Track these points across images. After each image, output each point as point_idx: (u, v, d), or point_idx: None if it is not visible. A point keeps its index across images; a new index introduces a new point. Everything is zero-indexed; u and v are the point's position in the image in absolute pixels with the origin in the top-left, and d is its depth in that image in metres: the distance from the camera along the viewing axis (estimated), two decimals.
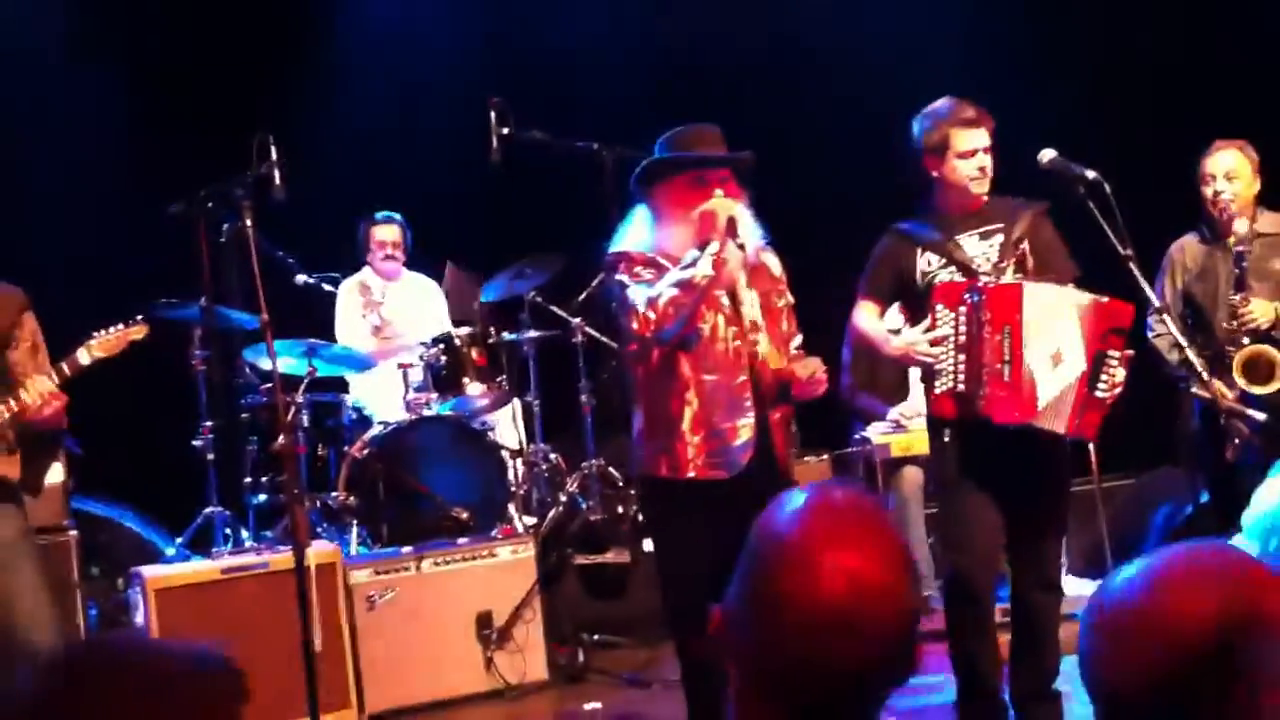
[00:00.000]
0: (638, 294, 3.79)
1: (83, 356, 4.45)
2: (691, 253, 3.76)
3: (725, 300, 3.86)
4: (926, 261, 4.17)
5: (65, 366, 4.40)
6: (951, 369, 4.01)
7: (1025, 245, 4.15)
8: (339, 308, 6.72)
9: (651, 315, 3.72)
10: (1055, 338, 3.96)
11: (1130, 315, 3.99)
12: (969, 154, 4.12)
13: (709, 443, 3.81)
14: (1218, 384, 4.69)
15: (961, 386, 4.01)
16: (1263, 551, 1.96)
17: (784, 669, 1.43)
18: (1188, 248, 5.28)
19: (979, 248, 4.16)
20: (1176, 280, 5.25)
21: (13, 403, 4.25)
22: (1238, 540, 2.10)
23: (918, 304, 4.18)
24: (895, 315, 4.44)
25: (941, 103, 4.21)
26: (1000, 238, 4.13)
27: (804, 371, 3.90)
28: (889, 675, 1.45)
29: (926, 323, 4.04)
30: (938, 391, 4.07)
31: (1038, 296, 3.98)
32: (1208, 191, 5.10)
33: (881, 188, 4.56)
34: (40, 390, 4.21)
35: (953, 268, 4.13)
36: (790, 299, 4.10)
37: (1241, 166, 5.07)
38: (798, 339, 4.10)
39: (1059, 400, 3.98)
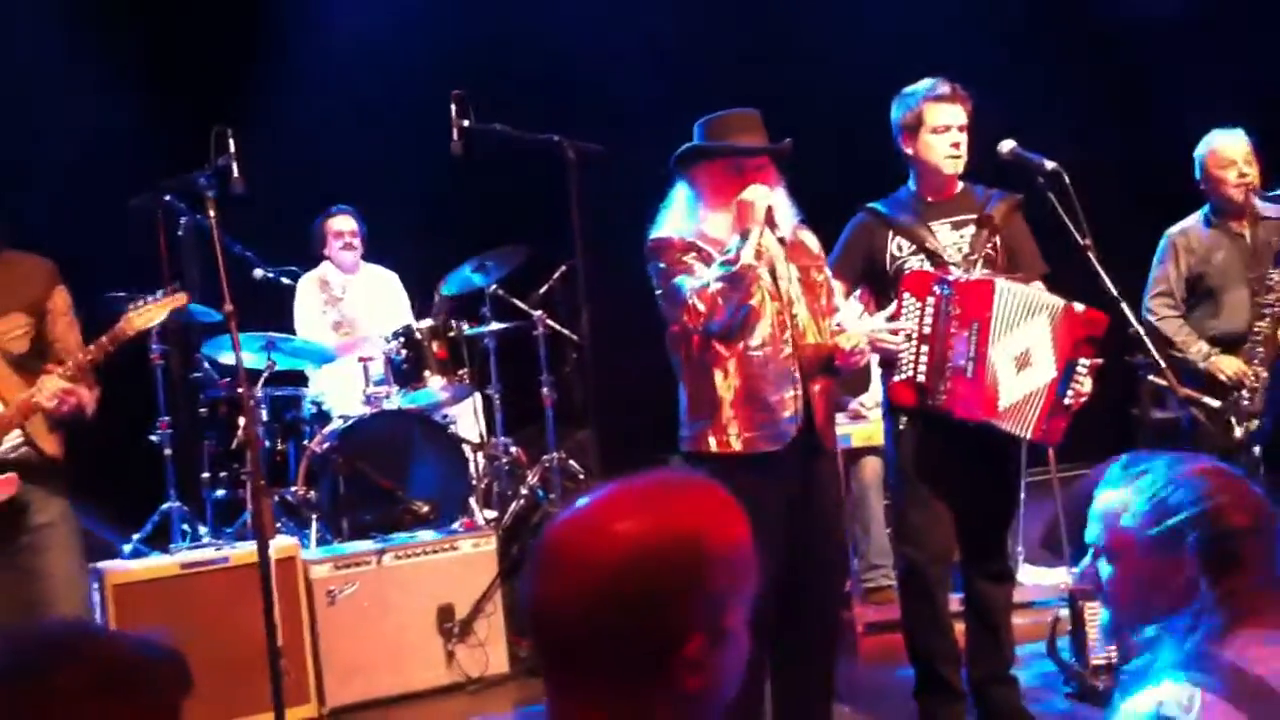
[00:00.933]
0: (686, 284, 3.78)
1: (126, 329, 4.39)
2: (734, 240, 3.74)
3: (766, 276, 3.83)
4: (897, 246, 4.18)
5: (106, 341, 4.34)
6: (912, 359, 4.03)
7: (997, 239, 4.17)
8: (298, 302, 6.68)
9: (701, 307, 3.71)
10: (1024, 339, 3.98)
11: (1105, 325, 4.00)
12: (943, 129, 4.13)
13: (757, 416, 3.78)
14: (1221, 361, 5.02)
15: (922, 377, 4.02)
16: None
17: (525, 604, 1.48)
18: (1190, 232, 5.36)
19: (950, 237, 4.17)
20: (1181, 265, 5.33)
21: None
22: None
23: (884, 288, 4.20)
24: (853, 301, 4.44)
25: (920, 82, 4.21)
26: (972, 229, 4.15)
27: (847, 344, 3.88)
28: (604, 640, 1.43)
29: (891, 309, 4.05)
30: (897, 379, 4.08)
31: (1009, 295, 4.00)
32: (1229, 175, 5.18)
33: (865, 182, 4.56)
34: (52, 390, 4.14)
35: (923, 255, 4.14)
36: (829, 274, 4.07)
37: (1249, 151, 5.21)
38: (838, 315, 4.07)
39: (1024, 403, 4.00)
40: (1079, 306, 4.00)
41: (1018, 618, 5.47)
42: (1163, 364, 3.83)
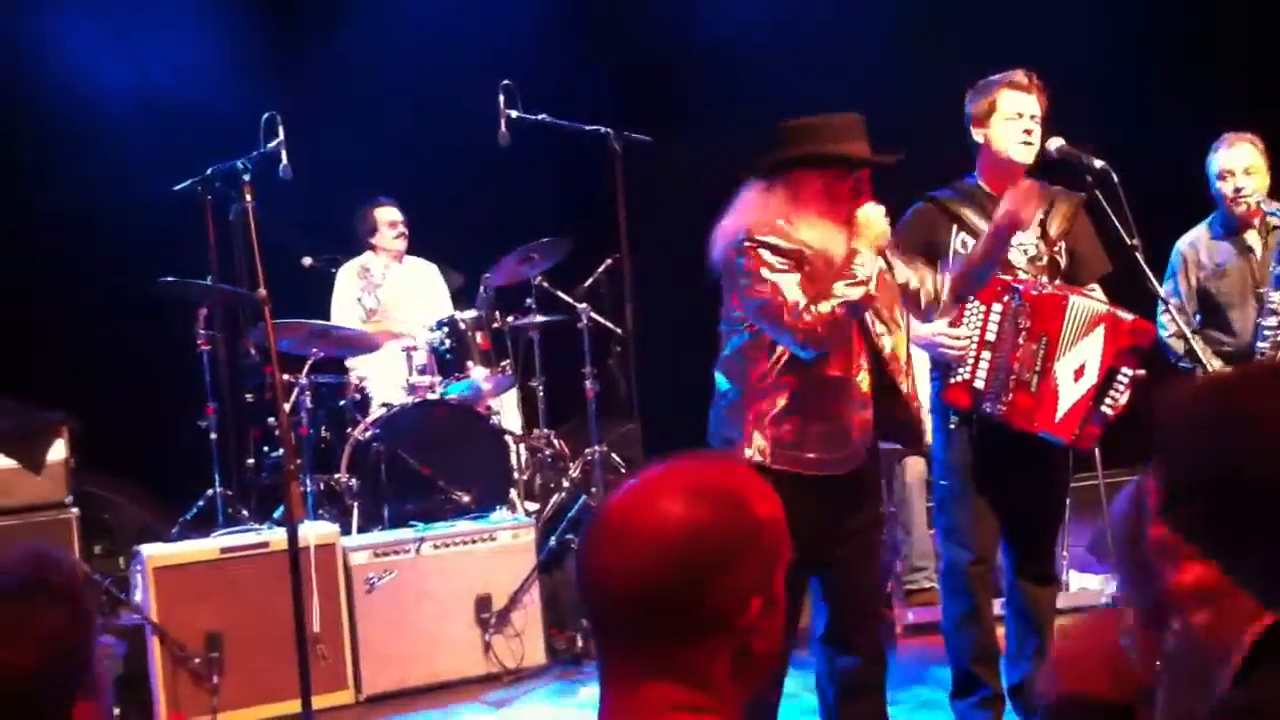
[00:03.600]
0: (789, 294, 3.48)
1: None
2: (867, 262, 3.48)
3: None
4: (961, 242, 4.04)
5: None
6: (972, 363, 3.96)
7: (1063, 243, 4.09)
8: (337, 290, 6.71)
9: (809, 321, 3.43)
10: (1082, 352, 3.95)
11: (1152, 336, 3.95)
12: (1015, 116, 4.00)
13: (828, 437, 3.59)
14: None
15: (980, 383, 3.97)
16: None
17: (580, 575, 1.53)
18: (1199, 244, 5.20)
19: (1017, 236, 3.96)
20: (1190, 277, 5.18)
21: None
22: None
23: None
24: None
25: (999, 73, 4.08)
26: (1038, 230, 4.05)
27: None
28: (664, 612, 1.46)
29: (953, 316, 3.95)
30: (954, 381, 4.00)
31: (1078, 311, 3.95)
32: (1226, 187, 5.02)
33: None
34: None
35: None
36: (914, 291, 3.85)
37: (1257, 160, 5.02)
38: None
39: (1071, 412, 3.98)
40: (1127, 316, 3.95)
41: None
42: (1210, 366, 3.74)
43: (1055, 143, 3.96)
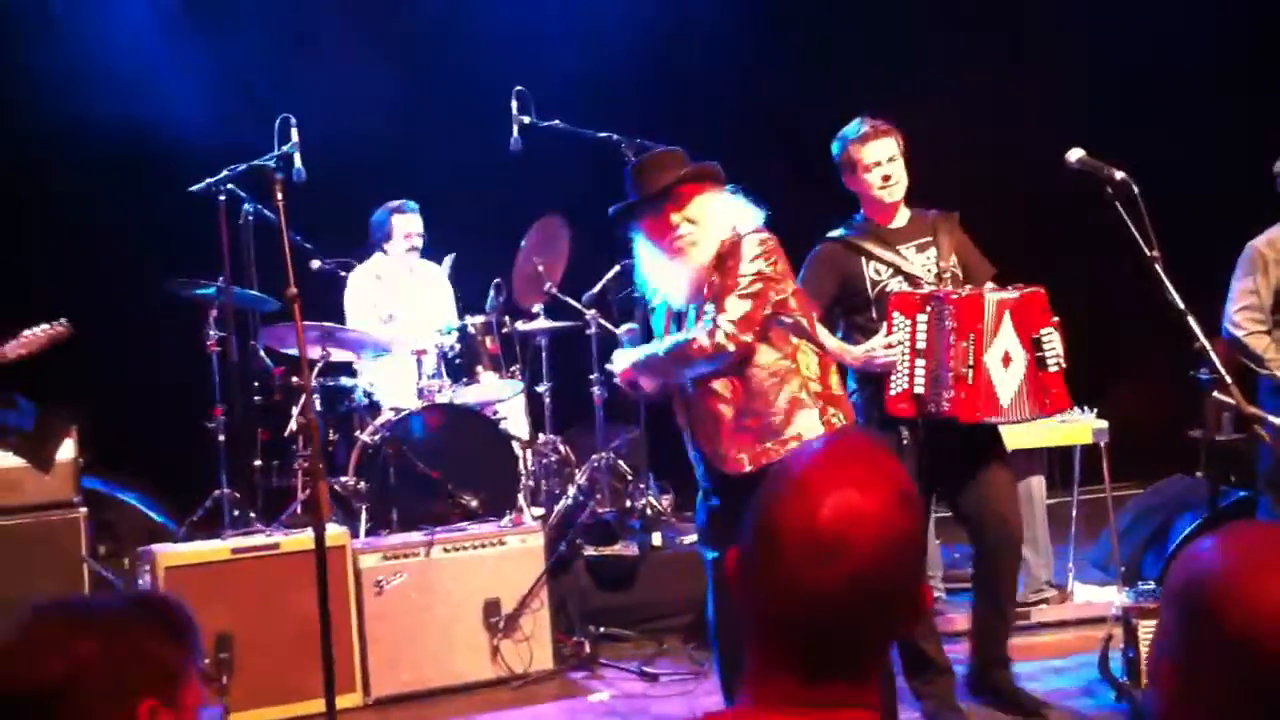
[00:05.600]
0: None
1: (9, 352, 4.40)
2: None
3: None
4: (875, 270, 4.51)
5: None
6: (907, 372, 4.36)
7: (954, 256, 4.56)
8: (349, 295, 6.69)
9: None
10: (1003, 339, 4.39)
11: (1043, 295, 4.44)
12: (874, 165, 4.51)
13: None
14: None
15: (920, 389, 4.35)
16: None
17: (778, 591, 1.47)
18: (1278, 243, 5.17)
19: (918, 259, 4.53)
20: (1271, 277, 5.15)
21: None
22: None
23: (857, 309, 4.52)
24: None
25: (851, 124, 4.56)
26: (933, 250, 4.54)
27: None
28: (885, 608, 1.47)
29: (883, 333, 4.38)
30: (893, 393, 4.38)
31: (990, 304, 4.38)
32: None
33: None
34: None
35: (901, 278, 4.49)
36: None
37: None
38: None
39: (1019, 395, 4.40)
40: (1014, 293, 4.40)
41: (1068, 633, 5.47)
42: (1228, 380, 3.75)
43: (1075, 154, 3.98)
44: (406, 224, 6.65)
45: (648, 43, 7.61)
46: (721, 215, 3.89)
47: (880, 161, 4.51)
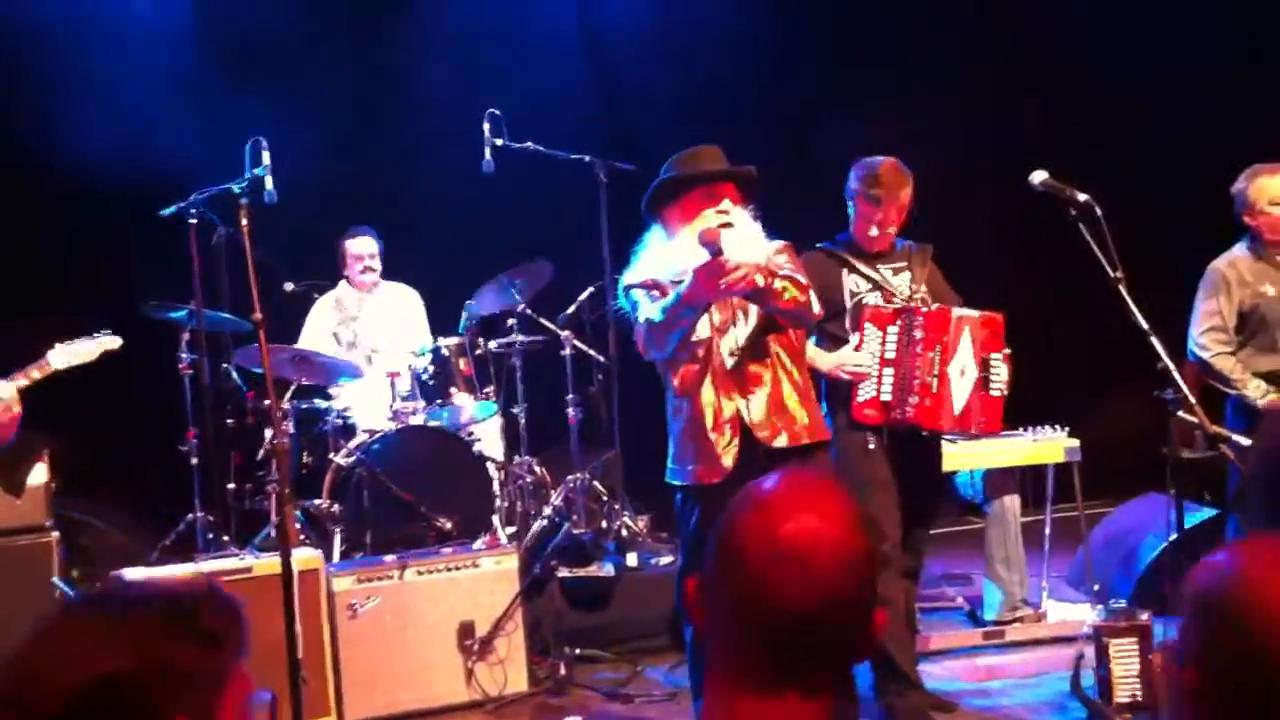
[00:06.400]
0: (642, 312, 4.10)
1: (55, 361, 4.37)
2: (688, 273, 3.91)
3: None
4: (855, 283, 4.78)
5: (35, 371, 4.35)
6: (875, 381, 4.63)
7: (924, 285, 4.83)
8: (309, 321, 6.69)
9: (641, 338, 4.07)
10: (962, 354, 4.69)
11: (1001, 323, 4.75)
12: (869, 217, 4.73)
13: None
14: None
15: (887, 396, 4.64)
16: None
17: (741, 606, 1.53)
18: (1239, 264, 5.23)
19: (895, 280, 4.81)
20: (1234, 298, 5.20)
21: None
22: None
23: (832, 317, 4.66)
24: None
25: (874, 162, 4.73)
26: (907, 274, 4.83)
27: None
28: (842, 630, 1.53)
29: (855, 341, 4.66)
30: (861, 400, 4.66)
31: (955, 319, 4.67)
32: (1269, 217, 5.13)
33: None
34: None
35: (878, 293, 4.76)
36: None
37: None
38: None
39: (966, 407, 4.71)
40: (976, 313, 4.72)
41: (1042, 651, 5.48)
42: (1192, 400, 3.78)
43: (1039, 176, 4.03)
44: (357, 247, 6.69)
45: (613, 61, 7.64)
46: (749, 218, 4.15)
47: (875, 215, 4.72)
